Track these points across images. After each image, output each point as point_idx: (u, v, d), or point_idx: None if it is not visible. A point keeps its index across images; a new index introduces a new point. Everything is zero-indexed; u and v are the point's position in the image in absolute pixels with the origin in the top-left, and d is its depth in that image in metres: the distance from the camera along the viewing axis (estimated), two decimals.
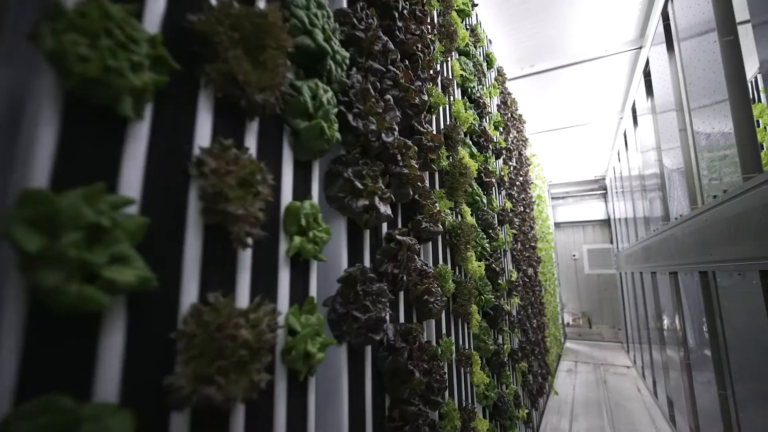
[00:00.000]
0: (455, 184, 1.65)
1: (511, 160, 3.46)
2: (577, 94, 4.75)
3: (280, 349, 0.71)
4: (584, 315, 9.49)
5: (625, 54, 3.80)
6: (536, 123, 5.61)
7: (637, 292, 5.60)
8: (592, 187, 9.50)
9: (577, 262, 9.86)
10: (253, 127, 0.72)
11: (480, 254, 2.01)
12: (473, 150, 2.12)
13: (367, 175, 0.97)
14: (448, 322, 1.56)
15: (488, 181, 2.22)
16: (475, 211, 2.10)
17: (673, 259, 3.09)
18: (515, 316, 2.83)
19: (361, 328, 0.88)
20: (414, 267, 1.14)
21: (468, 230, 1.66)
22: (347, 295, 0.89)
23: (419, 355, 1.06)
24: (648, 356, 5.20)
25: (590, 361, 7.52)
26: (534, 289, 3.92)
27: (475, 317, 1.77)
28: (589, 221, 9.82)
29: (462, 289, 1.59)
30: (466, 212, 1.88)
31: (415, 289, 1.22)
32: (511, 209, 3.26)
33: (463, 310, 1.57)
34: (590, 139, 6.41)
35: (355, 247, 0.99)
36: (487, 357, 2.01)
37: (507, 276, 2.82)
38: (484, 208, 2.24)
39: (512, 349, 2.60)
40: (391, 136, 1.04)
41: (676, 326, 3.31)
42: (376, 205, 0.95)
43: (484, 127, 2.30)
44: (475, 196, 2.05)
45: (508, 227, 2.99)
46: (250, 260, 0.68)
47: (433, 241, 1.52)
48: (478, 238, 2.02)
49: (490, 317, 2.10)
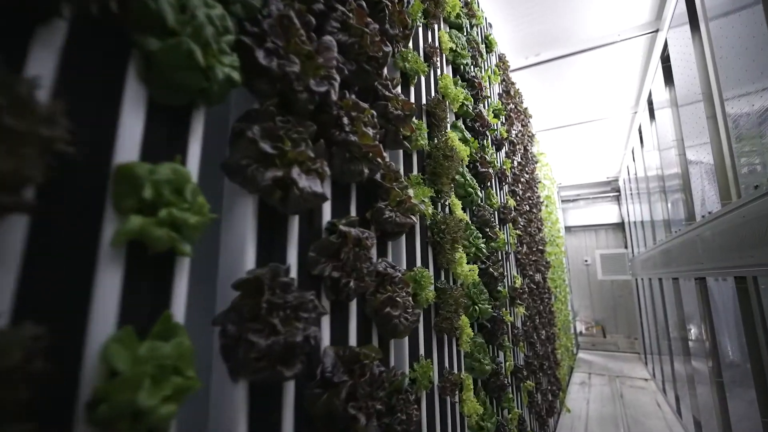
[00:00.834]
0: (438, 168, 1.35)
1: (515, 155, 3.14)
2: (587, 86, 4.41)
3: (84, 402, 0.42)
4: (598, 324, 9.01)
5: (639, 39, 3.47)
6: (543, 119, 5.27)
7: (655, 299, 5.19)
8: (605, 190, 9.07)
9: (589, 268, 9.40)
10: (55, 36, 0.44)
11: (474, 256, 1.70)
12: (466, 135, 1.81)
13: (285, 136, 0.68)
14: (429, 339, 1.25)
15: (485, 172, 1.91)
16: (468, 206, 1.79)
17: (699, 262, 2.72)
18: (520, 328, 2.50)
19: (262, 358, 0.58)
20: (368, 269, 0.84)
21: (455, 226, 1.36)
22: (245, 308, 0.60)
23: (368, 391, 0.76)
24: (669, 368, 4.77)
25: (605, 373, 7.07)
26: (542, 296, 3.57)
27: (467, 332, 1.45)
28: (601, 225, 9.37)
29: (447, 298, 1.28)
30: (456, 205, 1.57)
31: (374, 299, 0.92)
32: (515, 207, 2.93)
33: (448, 324, 1.26)
34: (601, 137, 6.04)
35: (270, 240, 0.70)
36: (483, 379, 1.69)
37: (510, 282, 2.49)
38: (480, 203, 1.93)
39: (516, 366, 2.26)
40: (326, 86, 0.75)
41: (704, 337, 2.93)
42: (295, 178, 0.65)
43: (480, 111, 1.99)
44: (468, 187, 1.74)
45: (511, 227, 2.67)
46: (20, 249, 0.39)
47: (409, 239, 1.22)
48: (472, 237, 1.70)
49: (487, 331, 1.77)
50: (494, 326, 1.77)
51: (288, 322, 0.62)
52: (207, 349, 0.60)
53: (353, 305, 0.89)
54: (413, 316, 1.00)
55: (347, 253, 0.79)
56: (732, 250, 2.09)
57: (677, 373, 4.30)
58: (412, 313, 1.00)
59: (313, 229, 0.80)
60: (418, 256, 1.24)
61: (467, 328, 1.45)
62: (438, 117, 1.44)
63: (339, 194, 0.90)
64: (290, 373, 0.60)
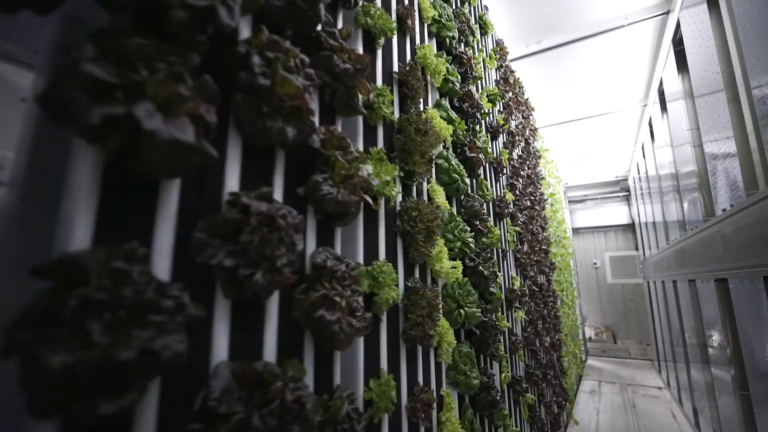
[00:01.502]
0: (410, 145, 1.13)
1: (515, 147, 2.91)
2: (592, 77, 4.16)
3: None
4: (608, 329, 8.65)
5: (648, 22, 3.23)
6: (546, 115, 5.02)
7: (669, 303, 4.88)
8: (613, 189, 8.75)
9: (598, 271, 9.06)
10: None
11: (460, 252, 1.47)
12: (451, 114, 1.59)
13: (141, 62, 0.47)
14: (395, 350, 1.02)
15: (474, 158, 1.69)
16: (453, 194, 1.56)
17: (720, 262, 2.45)
18: (519, 334, 2.25)
19: (60, 386, 0.37)
20: (290, 259, 0.63)
21: (430, 214, 1.13)
22: (45, 308, 0.38)
23: (276, 425, 0.54)
24: (685, 377, 4.45)
25: (616, 381, 6.73)
26: (546, 300, 3.31)
27: (447, 340, 1.22)
28: (610, 226, 9.03)
29: (418, 299, 1.05)
30: (437, 192, 1.35)
31: (304, 299, 0.70)
32: (515, 202, 2.70)
33: (419, 331, 1.03)
34: (609, 133, 5.76)
35: (123, 210, 0.49)
36: (471, 395, 1.45)
37: (507, 283, 2.26)
38: (468, 191, 1.70)
39: (514, 377, 2.02)
40: (211, 1, 0.53)
41: (726, 343, 2.66)
42: (139, 117, 0.44)
43: (470, 91, 1.77)
44: (453, 173, 1.51)
45: (509, 223, 2.43)
46: None
47: (369, 226, 1.00)
48: (458, 230, 1.48)
49: (477, 338, 1.54)
50: (485, 333, 1.53)
51: (120, 329, 0.41)
52: None
53: (272, 306, 0.67)
54: (362, 321, 0.77)
55: (251, 236, 0.58)
56: (760, 246, 1.83)
57: (695, 382, 3.99)
58: (361, 317, 0.78)
59: (205, 201, 0.59)
60: (381, 248, 1.02)
61: (448, 335, 1.22)
62: (412, 87, 1.22)
63: (256, 160, 0.69)
64: (110, 408, 0.39)
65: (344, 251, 0.91)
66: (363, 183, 0.83)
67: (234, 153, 0.65)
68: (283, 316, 0.69)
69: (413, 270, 1.17)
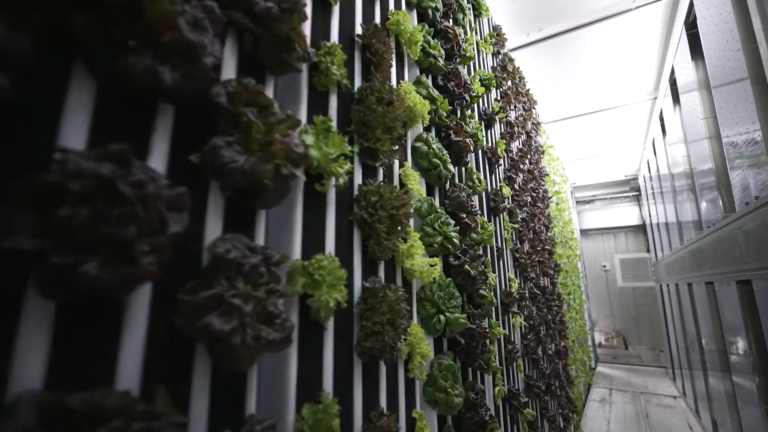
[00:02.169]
0: (369, 116, 0.94)
1: (514, 139, 2.70)
2: (597, 67, 3.93)
3: None
4: (618, 334, 8.31)
5: (658, 4, 3.00)
6: (550, 109, 4.79)
7: (684, 307, 4.60)
8: (623, 189, 8.44)
9: (608, 274, 8.73)
10: None
11: (441, 248, 1.27)
12: (432, 92, 1.40)
13: None
14: (347, 367, 0.83)
15: (459, 143, 1.49)
16: (434, 182, 1.37)
17: (742, 262, 2.21)
18: (517, 342, 2.04)
19: None
20: (153, 244, 0.44)
21: (396, 200, 0.94)
22: None
23: None
24: (702, 385, 4.16)
25: (628, 389, 6.42)
26: (551, 304, 3.08)
27: (422, 352, 1.02)
28: (620, 227, 8.72)
29: (376, 303, 0.86)
30: (410, 178, 1.16)
31: (189, 299, 0.51)
32: (513, 197, 2.49)
33: (378, 342, 0.83)
34: (617, 130, 5.50)
35: None
36: (454, 415, 1.24)
37: (504, 285, 2.05)
38: (456, 181, 1.51)
39: (511, 391, 1.80)
40: None
41: (749, 350, 2.41)
42: None
43: (457, 69, 1.58)
44: (434, 158, 1.32)
45: (507, 219, 2.22)
46: None
47: (311, 210, 0.81)
48: (438, 223, 1.28)
49: (462, 349, 1.33)
50: (472, 342, 1.33)
51: None
52: None
53: (137, 310, 0.48)
54: (280, 331, 0.58)
55: (75, 208, 0.39)
56: None
57: (714, 392, 3.70)
58: (281, 326, 0.59)
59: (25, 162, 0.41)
60: (329, 240, 0.83)
61: (422, 345, 1.02)
62: (376, 52, 1.03)
63: (121, 114, 0.51)
64: None
65: (273, 241, 0.72)
66: (289, 152, 0.64)
67: (79, 98, 0.46)
68: (159, 323, 0.50)
69: (376, 268, 0.98)
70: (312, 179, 0.81)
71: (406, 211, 0.95)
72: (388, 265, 1.03)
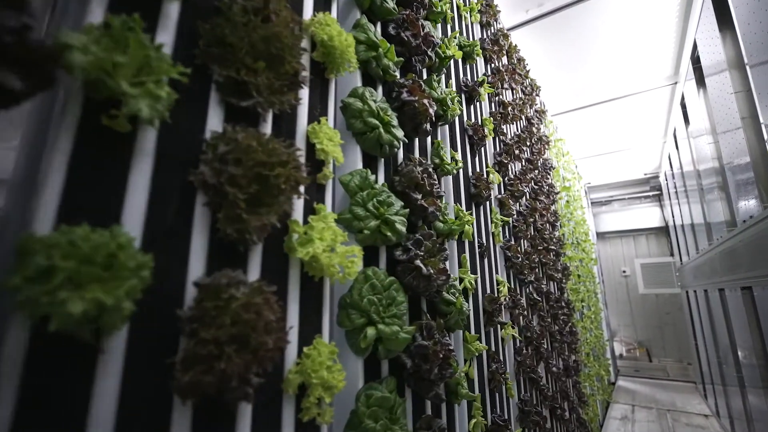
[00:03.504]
0: (229, 32, 0.62)
1: (507, 120, 2.35)
2: (606, 48, 3.53)
3: None
4: (641, 345, 7.69)
5: None
6: (556, 100, 4.39)
7: (715, 315, 4.08)
8: (643, 189, 7.88)
9: (628, 280, 8.13)
10: None
11: (374, 235, 0.94)
12: (373, 36, 1.07)
13: None
14: (160, 414, 0.50)
15: (413, 103, 1.15)
16: (374, 150, 1.03)
17: None
18: (504, 360, 1.67)
19: None
20: None
21: (263, 153, 0.61)
22: None
23: None
24: (739, 403, 3.64)
25: (652, 406, 5.86)
26: (557, 312, 2.68)
27: (322, 381, 0.68)
28: (641, 230, 8.13)
29: (217, 308, 0.53)
30: (319, 135, 0.83)
31: None
32: (507, 186, 2.13)
33: (210, 373, 0.51)
34: (632, 121, 5.04)
35: None
36: None
37: (491, 290, 1.68)
38: (413, 155, 1.17)
39: (496, 422, 1.43)
40: None
41: None
42: None
43: (414, 17, 1.25)
44: (370, 117, 0.99)
45: (495, 211, 1.86)
46: None
47: (111, 161, 0.49)
48: (373, 202, 0.95)
49: (411, 374, 0.98)
50: (423, 365, 0.98)
51: None
52: None
53: None
54: None
55: None
56: None
57: (754, 411, 3.19)
58: None
59: None
60: (133, 208, 0.51)
61: (320, 371, 0.68)
62: None
63: None
64: None
65: None
66: None
67: None
68: None
69: (243, 258, 0.65)
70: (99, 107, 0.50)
71: (282, 172, 0.62)
72: (272, 255, 0.70)
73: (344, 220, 0.92)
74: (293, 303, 0.72)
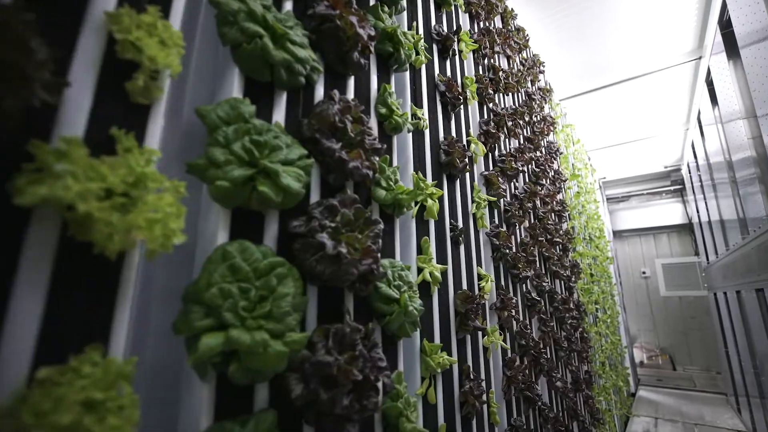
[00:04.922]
0: None
1: (500, 90, 1.99)
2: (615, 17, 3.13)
3: None
4: (664, 352, 7.12)
5: None
6: (565, 82, 3.99)
7: (750, 319, 3.60)
8: (663, 183, 7.33)
9: (648, 282, 7.57)
10: None
11: (237, 189, 0.61)
12: None
13: None
14: None
15: (333, 17, 0.82)
16: (254, 70, 0.70)
17: None
18: (482, 375, 1.30)
19: None
20: None
21: None
22: None
23: None
24: None
25: (678, 419, 5.33)
26: (563, 315, 2.29)
27: (50, 424, 0.35)
28: (661, 228, 7.57)
29: None
30: (143, 40, 0.50)
31: None
32: (497, 162, 1.77)
33: None
34: (649, 106, 4.58)
35: None
36: None
37: (464, 284, 1.33)
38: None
39: None
40: None
41: None
42: None
43: None
44: (246, 20, 0.66)
45: (478, 190, 1.51)
46: None
47: None
48: (245, 141, 0.61)
49: (304, 408, 0.64)
50: (322, 393, 0.63)
51: None
52: None
53: None
54: None
55: None
56: None
57: None
58: None
59: None
60: None
61: (58, 411, 0.35)
62: None
63: None
64: None
65: None
66: None
67: None
68: None
69: None
70: None
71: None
72: None
73: (196, 166, 0.59)
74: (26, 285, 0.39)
